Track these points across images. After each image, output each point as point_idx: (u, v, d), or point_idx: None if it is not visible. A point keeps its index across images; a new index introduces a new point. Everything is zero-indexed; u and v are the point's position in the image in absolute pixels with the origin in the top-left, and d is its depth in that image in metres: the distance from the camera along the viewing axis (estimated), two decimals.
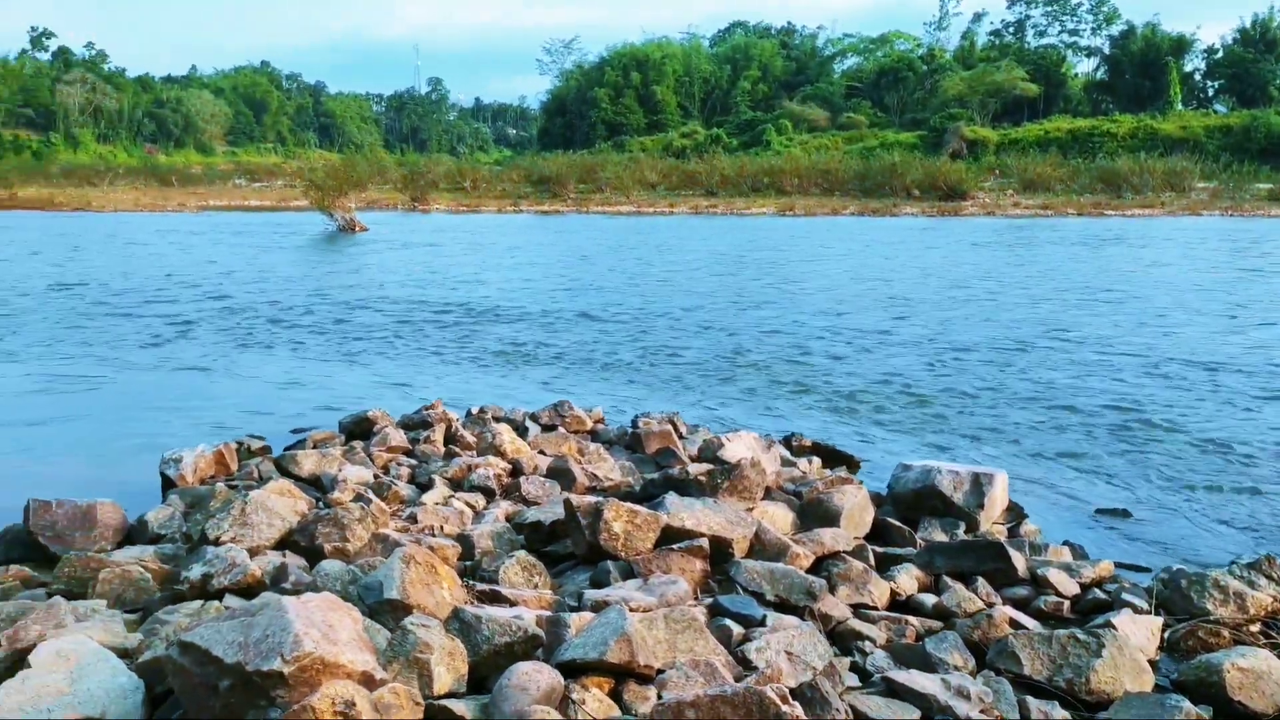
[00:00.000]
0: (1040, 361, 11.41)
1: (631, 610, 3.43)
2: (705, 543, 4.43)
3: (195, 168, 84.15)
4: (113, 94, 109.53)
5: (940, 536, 5.32)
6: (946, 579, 4.51)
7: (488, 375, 10.94)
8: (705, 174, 59.68)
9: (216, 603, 3.54)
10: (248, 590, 3.86)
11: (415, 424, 7.37)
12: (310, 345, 12.62)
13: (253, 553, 4.27)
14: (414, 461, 6.46)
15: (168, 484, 6.21)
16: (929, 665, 3.66)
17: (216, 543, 4.35)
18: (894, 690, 3.38)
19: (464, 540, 4.64)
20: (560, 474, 6.00)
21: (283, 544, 4.57)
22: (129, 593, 4.00)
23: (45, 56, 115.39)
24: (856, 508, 5.24)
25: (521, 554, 4.33)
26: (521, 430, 7.25)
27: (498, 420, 7.53)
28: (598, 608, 3.60)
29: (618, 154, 73.76)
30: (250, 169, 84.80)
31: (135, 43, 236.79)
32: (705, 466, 5.61)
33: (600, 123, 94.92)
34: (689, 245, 28.98)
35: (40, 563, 4.94)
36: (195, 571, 3.90)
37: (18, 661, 3.06)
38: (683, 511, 4.61)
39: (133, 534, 5.20)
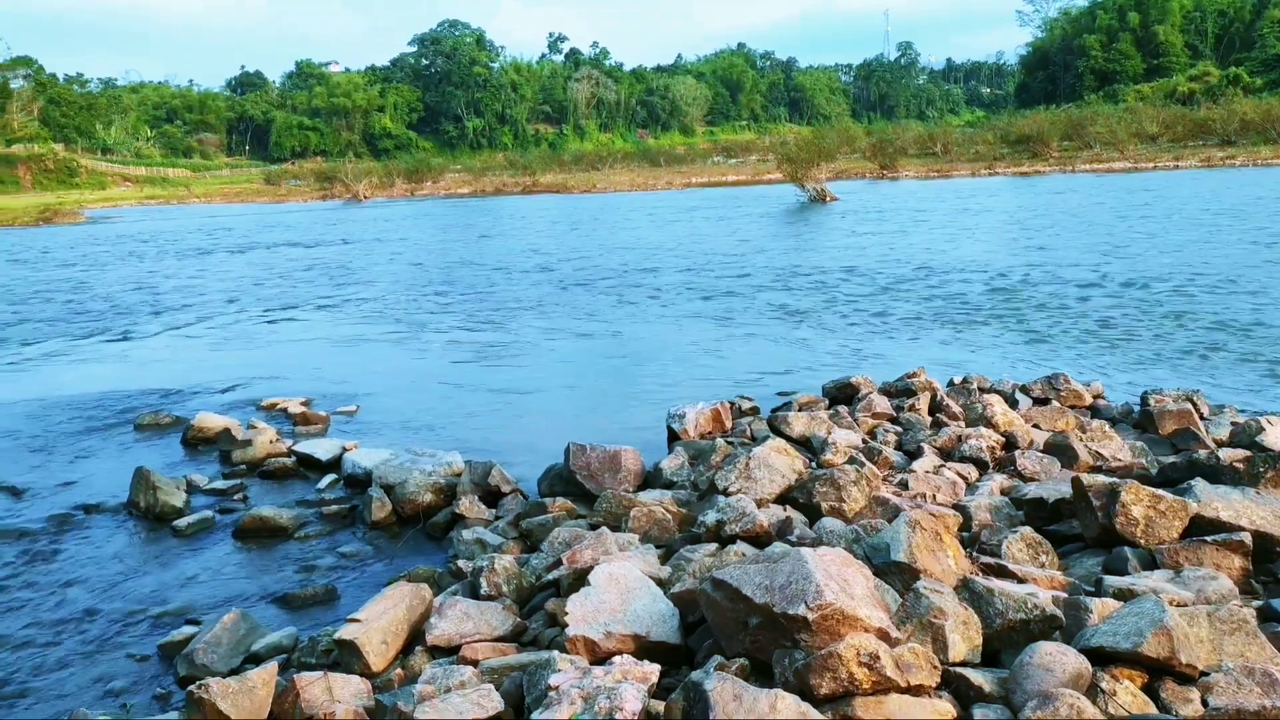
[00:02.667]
0: None
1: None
2: (1246, 538, 3.87)
3: (679, 148, 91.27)
4: (612, 87, 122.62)
5: None
6: None
7: (958, 343, 10.56)
8: (1220, 121, 51.95)
9: (735, 546, 3.83)
10: (756, 539, 4.12)
11: (898, 391, 7.33)
12: (784, 310, 13.10)
13: (758, 504, 4.54)
14: (899, 428, 6.43)
15: (672, 436, 6.84)
16: None
17: (725, 493, 4.70)
18: None
19: (961, 511, 4.53)
20: (1060, 450, 5.61)
21: (782, 499, 4.81)
22: (654, 530, 4.48)
23: (559, 59, 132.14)
24: None
25: (1026, 530, 4.12)
26: (1011, 402, 6.90)
27: (984, 391, 7.23)
28: (1122, 595, 3.31)
29: (1109, 105, 66.99)
30: (727, 147, 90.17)
31: (631, 39, 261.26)
32: (1240, 453, 4.89)
33: (1089, 72, 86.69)
34: (1200, 201, 25.45)
35: (577, 497, 5.72)
36: (710, 517, 4.25)
37: (578, 579, 3.57)
38: (1216, 501, 4.08)
39: (649, 479, 5.81)
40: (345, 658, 3.61)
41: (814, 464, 5.47)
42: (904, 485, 5.03)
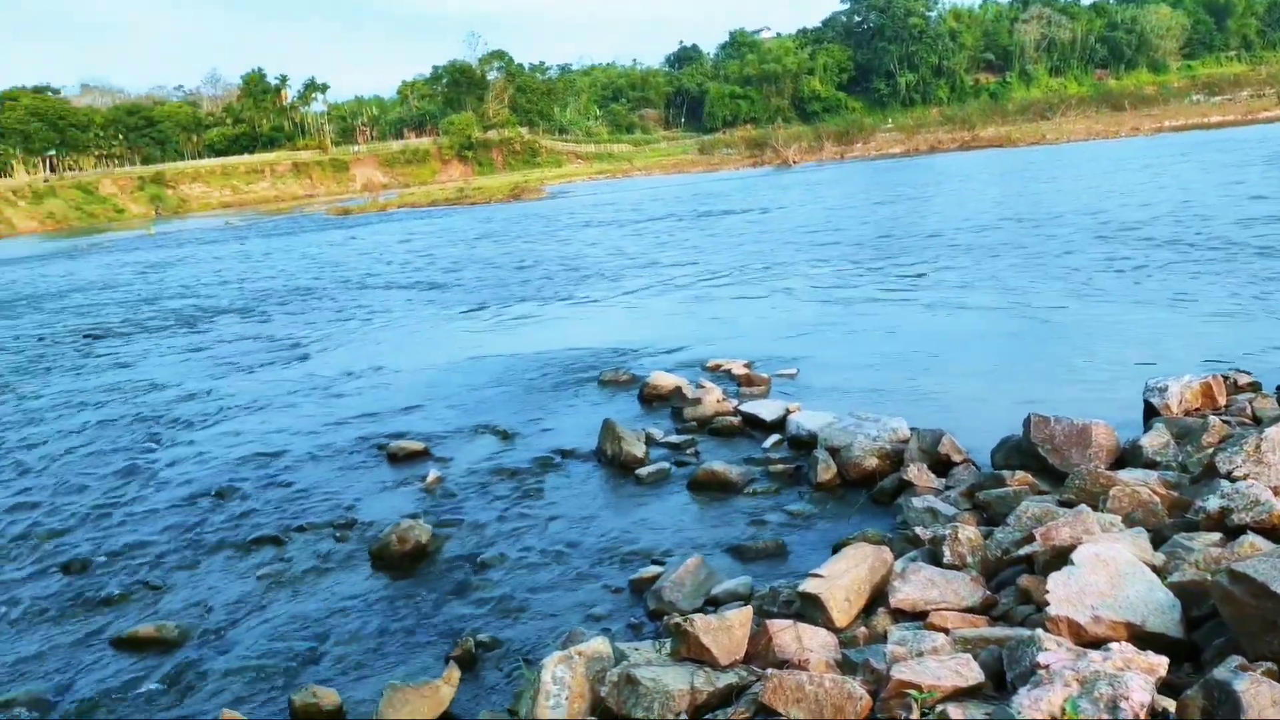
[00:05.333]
0: None
1: None
2: None
3: (1147, 88, 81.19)
4: (1066, 24, 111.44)
5: None
6: None
7: None
8: None
9: (1246, 538, 3.31)
10: (1272, 531, 3.54)
11: None
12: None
13: (1274, 492, 3.89)
14: None
15: (1150, 412, 6.12)
16: None
17: (1229, 477, 4.10)
18: None
19: None
20: None
21: None
22: (1137, 512, 4.03)
23: (1005, 1, 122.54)
24: None
25: None
26: None
27: None
28: None
29: None
30: (1209, 83, 78.49)
31: None
32: None
33: None
34: None
35: (1037, 472, 5.30)
36: (1211, 503, 3.73)
37: (1056, 557, 3.30)
38: None
39: (1125, 457, 5.24)
40: (807, 610, 3.68)
41: None
42: None
